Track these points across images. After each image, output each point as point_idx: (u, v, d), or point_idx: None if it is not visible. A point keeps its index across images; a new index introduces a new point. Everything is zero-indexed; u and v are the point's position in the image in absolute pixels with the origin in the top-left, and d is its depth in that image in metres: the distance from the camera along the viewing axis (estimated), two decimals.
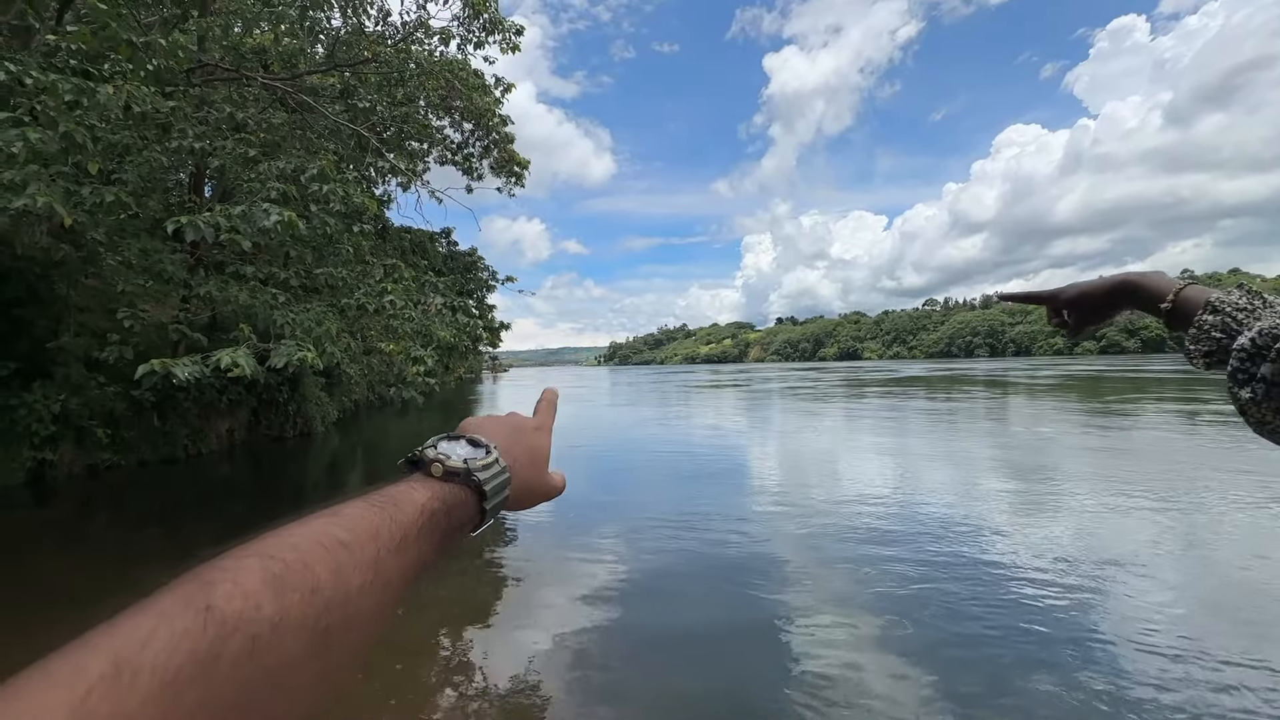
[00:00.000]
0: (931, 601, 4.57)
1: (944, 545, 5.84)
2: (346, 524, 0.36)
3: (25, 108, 5.63)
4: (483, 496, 0.47)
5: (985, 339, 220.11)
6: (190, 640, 0.25)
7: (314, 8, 7.79)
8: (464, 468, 0.47)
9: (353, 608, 0.33)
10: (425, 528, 0.40)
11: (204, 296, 6.29)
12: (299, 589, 0.30)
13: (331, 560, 0.33)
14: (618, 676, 3.72)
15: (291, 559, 0.31)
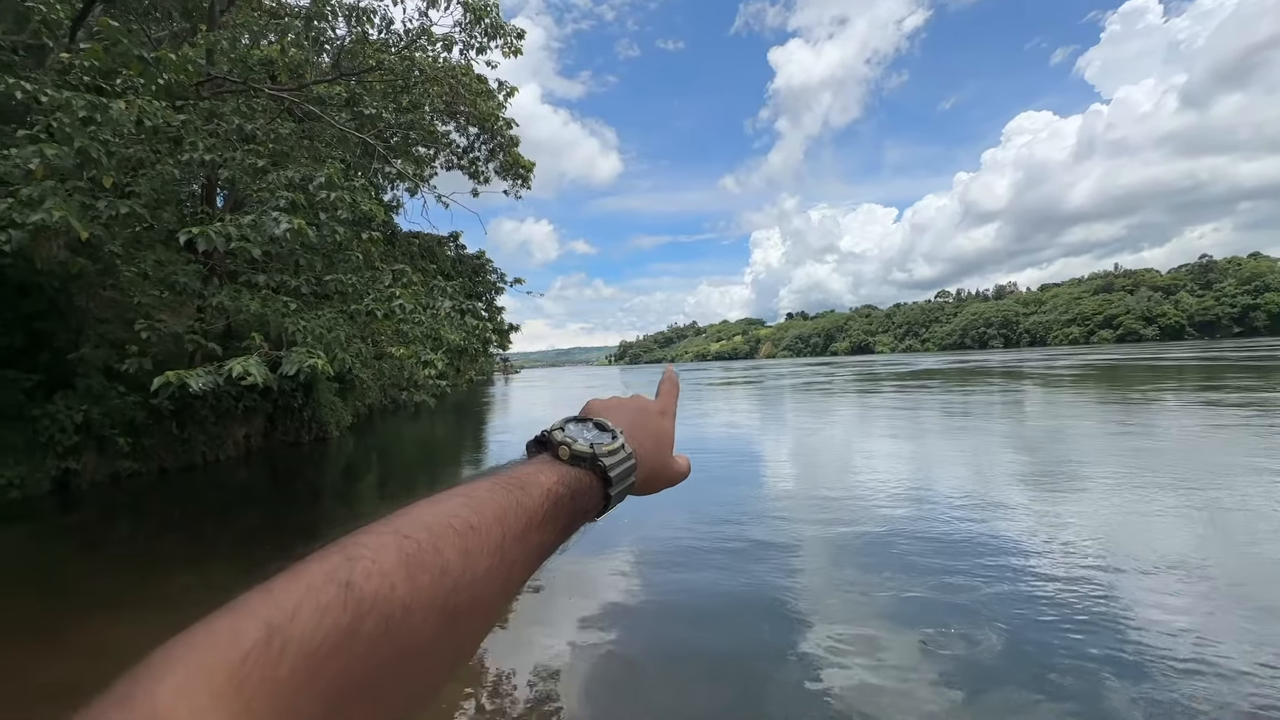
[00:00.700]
0: (964, 608, 4.52)
1: (973, 547, 5.74)
2: (475, 506, 0.36)
3: (42, 125, 5.77)
4: (608, 483, 0.46)
5: (999, 330, 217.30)
6: (333, 615, 0.27)
7: (318, 18, 7.91)
8: (590, 453, 0.46)
9: (479, 590, 0.33)
10: (550, 513, 0.40)
11: (217, 306, 6.40)
12: (430, 570, 0.31)
13: (461, 543, 0.33)
14: (635, 679, 3.74)
15: (424, 540, 0.32)
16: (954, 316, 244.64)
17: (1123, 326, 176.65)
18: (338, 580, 0.28)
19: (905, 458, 10.30)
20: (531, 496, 0.40)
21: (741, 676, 3.68)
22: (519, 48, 8.45)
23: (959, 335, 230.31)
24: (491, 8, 8.13)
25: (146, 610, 4.94)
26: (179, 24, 12.15)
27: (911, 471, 9.04)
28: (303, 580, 0.28)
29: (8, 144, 6.28)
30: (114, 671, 0.25)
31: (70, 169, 5.01)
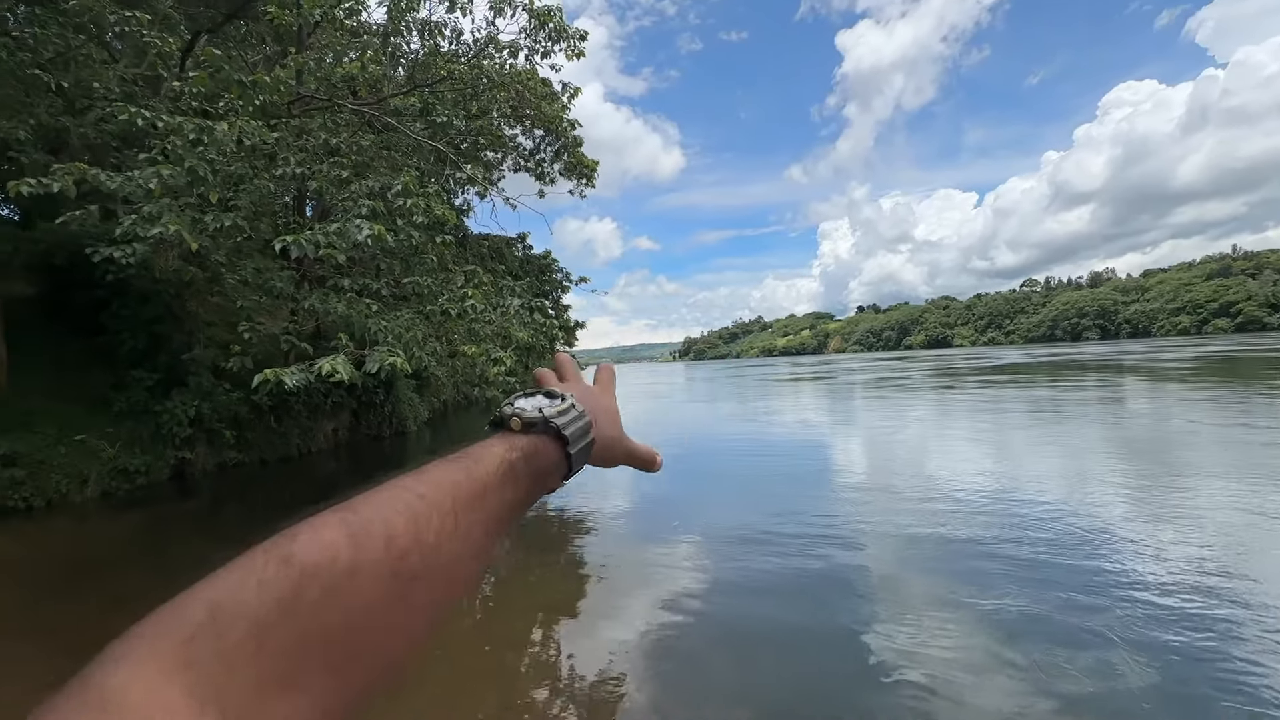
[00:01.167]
0: (1046, 627, 4.26)
1: (1077, 558, 5.36)
2: (425, 479, 0.38)
3: (158, 148, 6.40)
4: (565, 441, 0.48)
5: (1095, 320, 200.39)
6: (274, 588, 0.28)
7: (394, 34, 8.35)
8: (540, 417, 0.48)
9: (431, 556, 0.34)
10: (506, 477, 0.42)
11: (308, 309, 6.90)
12: (375, 538, 0.32)
13: (408, 511, 0.35)
14: (697, 672, 3.76)
15: (368, 512, 0.34)
16: (1042, 307, 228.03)
17: (1243, 314, 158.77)
18: (277, 555, 0.30)
19: (997, 461, 9.71)
20: (483, 465, 0.41)
21: (801, 656, 3.61)
22: (581, 50, 8.59)
23: (1048, 327, 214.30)
24: (554, 12, 8.31)
25: None
26: (271, 48, 13.13)
27: (1005, 477, 8.51)
28: (245, 561, 0.30)
29: (131, 166, 7.02)
30: None
31: (182, 187, 5.54)
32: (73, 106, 9.86)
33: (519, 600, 5.10)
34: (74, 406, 10.18)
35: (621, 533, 6.86)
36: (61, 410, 9.97)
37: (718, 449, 12.78)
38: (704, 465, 11.00)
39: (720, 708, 3.35)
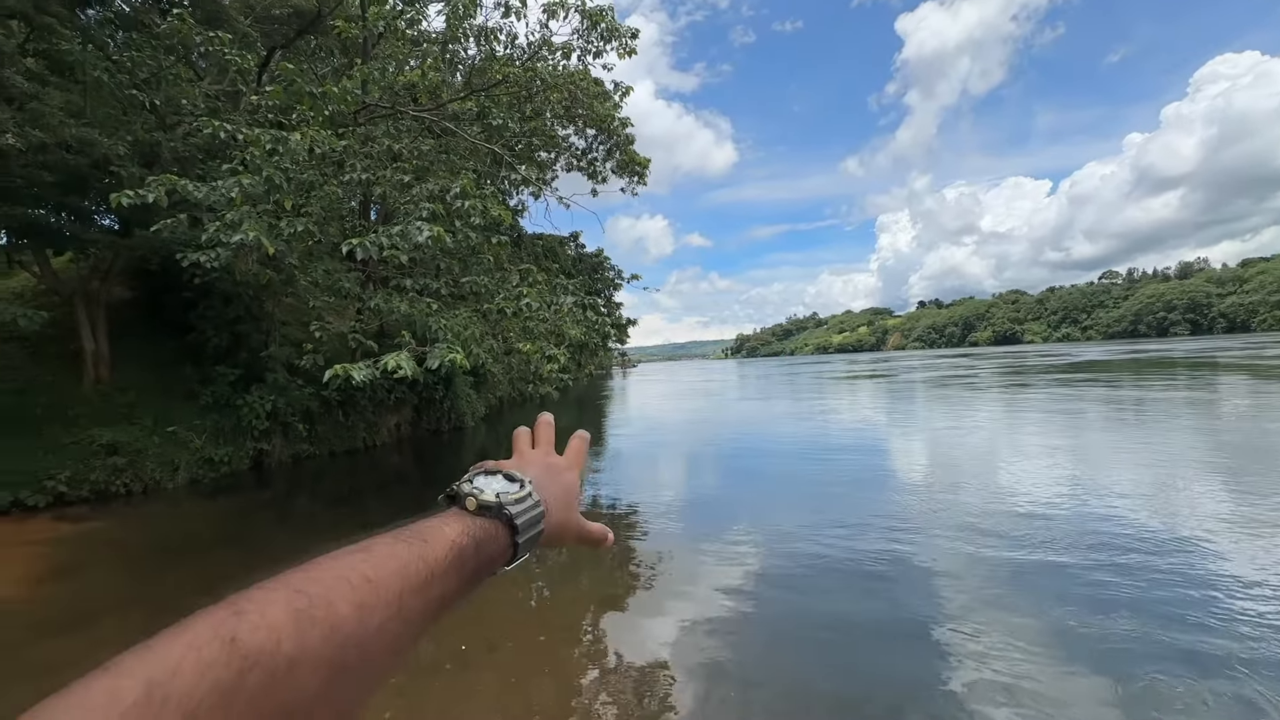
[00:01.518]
0: (1123, 645, 4.01)
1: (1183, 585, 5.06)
2: (375, 561, 0.37)
3: (238, 159, 6.83)
4: (515, 530, 0.48)
5: (1185, 314, 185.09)
6: (215, 672, 0.27)
7: (452, 41, 8.62)
8: (496, 502, 0.48)
9: (372, 644, 0.34)
10: (454, 563, 0.41)
11: (374, 308, 7.22)
12: (320, 625, 0.31)
13: (355, 597, 0.34)
14: (748, 669, 3.72)
15: (316, 594, 0.32)
16: (1124, 300, 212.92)
17: None
18: (222, 636, 0.28)
19: (1084, 469, 9.15)
20: (433, 548, 0.41)
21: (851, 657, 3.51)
22: (633, 48, 8.61)
23: (1130, 321, 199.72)
24: (607, 12, 8.37)
25: None
26: (338, 60, 13.79)
27: (1094, 490, 8.03)
28: (186, 636, 0.28)
29: (214, 177, 7.53)
30: None
31: (260, 195, 5.89)
32: (164, 122, 10.66)
33: (573, 593, 5.18)
34: (167, 400, 11.02)
35: (675, 531, 6.86)
36: (156, 403, 10.82)
37: (772, 449, 12.59)
38: (758, 466, 10.86)
39: (772, 704, 3.30)
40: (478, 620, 4.40)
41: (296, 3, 13.62)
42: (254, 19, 13.05)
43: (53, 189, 9.12)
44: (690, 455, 12.40)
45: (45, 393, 10.17)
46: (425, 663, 3.77)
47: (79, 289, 10.82)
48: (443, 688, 3.52)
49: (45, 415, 9.67)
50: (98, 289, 11.04)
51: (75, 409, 9.97)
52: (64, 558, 6.72)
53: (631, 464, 11.76)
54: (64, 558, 6.72)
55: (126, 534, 7.83)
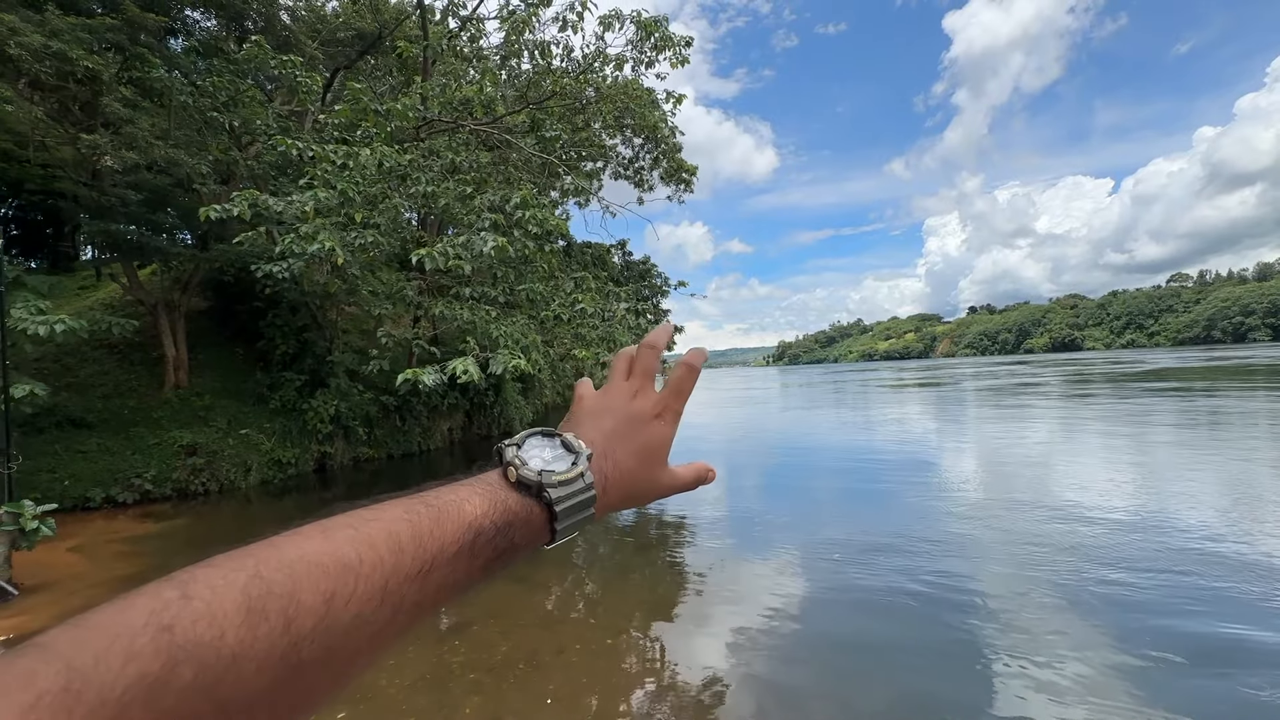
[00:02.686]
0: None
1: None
2: (366, 540, 0.32)
3: (310, 174, 7.21)
4: (554, 516, 0.41)
5: (1265, 319, 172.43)
6: (141, 663, 0.24)
7: (510, 56, 8.91)
8: (537, 480, 0.41)
9: (340, 638, 0.30)
10: (467, 548, 0.36)
11: (436, 316, 7.47)
12: (273, 618, 0.28)
13: (327, 586, 0.30)
14: (796, 684, 3.65)
15: (279, 581, 0.29)
16: (1195, 304, 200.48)
17: None
18: (159, 622, 0.25)
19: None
20: (443, 528, 0.35)
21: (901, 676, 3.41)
22: (685, 57, 8.70)
23: (1203, 327, 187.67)
24: (661, 22, 8.49)
25: None
26: (396, 78, 14.39)
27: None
28: (122, 617, 0.25)
29: (286, 192, 7.96)
30: None
31: (334, 207, 6.20)
32: (239, 142, 11.33)
33: (633, 600, 5.21)
34: (239, 404, 11.64)
35: (724, 544, 6.81)
36: (230, 407, 11.43)
37: (819, 464, 12.38)
38: (805, 481, 10.70)
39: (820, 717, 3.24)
40: (545, 624, 4.48)
41: (359, 25, 14.27)
42: (320, 42, 13.75)
43: (141, 206, 9.80)
44: (737, 468, 12.30)
45: (132, 396, 10.88)
46: (498, 662, 3.85)
47: (162, 299, 11.55)
48: (515, 686, 3.60)
49: (132, 418, 10.34)
50: (179, 299, 11.77)
51: (158, 412, 10.63)
52: (150, 550, 7.16)
53: None
54: (150, 550, 7.16)
55: (206, 530, 8.28)
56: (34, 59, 8.00)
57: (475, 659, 3.95)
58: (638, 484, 0.47)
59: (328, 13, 15.76)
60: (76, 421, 9.90)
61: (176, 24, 11.87)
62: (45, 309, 7.10)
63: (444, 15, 12.20)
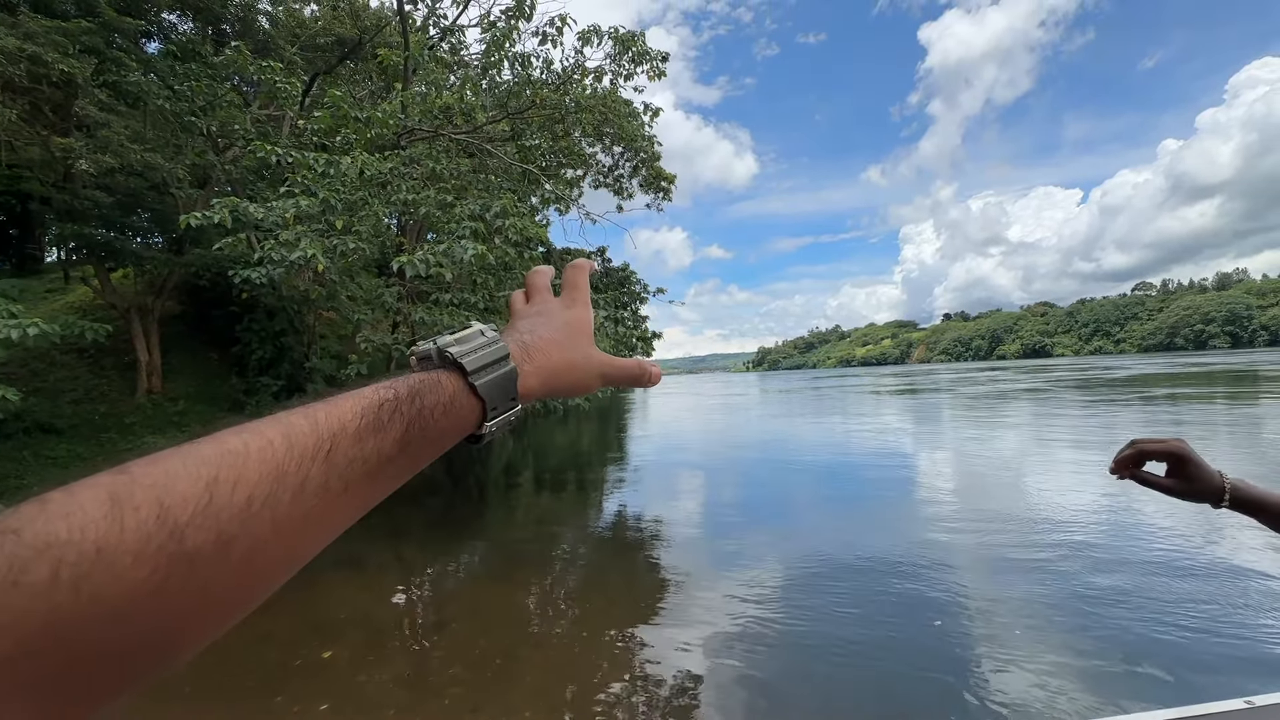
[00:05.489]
0: None
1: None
2: (252, 430, 0.31)
3: (291, 180, 7.26)
4: (465, 372, 0.40)
5: (1223, 327, 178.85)
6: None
7: (490, 67, 9.06)
8: (434, 348, 0.41)
9: (232, 525, 0.28)
10: (370, 422, 0.34)
11: (415, 321, 7.56)
12: (145, 508, 0.26)
13: (206, 473, 0.28)
14: (774, 687, 3.81)
15: (148, 474, 0.27)
16: (1158, 312, 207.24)
17: None
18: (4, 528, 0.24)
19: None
20: (341, 407, 0.34)
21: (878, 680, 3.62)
22: (663, 70, 8.96)
23: (1166, 334, 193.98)
24: (638, 38, 8.73)
25: (360, 574, 5.99)
26: (376, 84, 14.43)
27: None
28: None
29: (265, 198, 7.99)
30: (327, 622, 0.42)
31: (315, 214, 6.28)
32: (216, 146, 11.29)
33: (603, 599, 5.36)
34: (214, 409, 11.54)
35: (702, 544, 6.99)
36: (205, 412, 11.33)
37: (797, 469, 12.66)
38: (783, 486, 10.95)
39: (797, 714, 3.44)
40: (524, 621, 4.61)
41: (339, 31, 14.29)
42: (299, 47, 13.75)
43: (114, 209, 9.73)
44: (715, 473, 12.53)
45: (103, 401, 10.74)
46: (476, 657, 3.98)
47: (135, 303, 11.42)
48: (493, 680, 3.73)
49: (103, 423, 10.21)
50: (152, 303, 11.65)
51: (130, 417, 10.50)
52: None
53: (656, 480, 11.92)
54: None
55: None
56: (8, 62, 7.93)
57: (454, 654, 4.07)
58: (566, 353, 0.48)
59: (307, 17, 15.76)
60: (46, 427, 9.75)
61: (153, 27, 11.81)
62: (18, 312, 7.04)
63: (425, 23, 12.31)
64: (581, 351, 0.49)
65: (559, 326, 0.49)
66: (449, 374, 0.40)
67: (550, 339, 0.47)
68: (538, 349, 0.46)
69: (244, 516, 0.28)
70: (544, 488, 11.30)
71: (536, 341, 0.46)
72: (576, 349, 0.49)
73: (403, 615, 5.04)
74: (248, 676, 3.78)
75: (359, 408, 0.35)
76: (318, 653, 4.09)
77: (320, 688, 3.67)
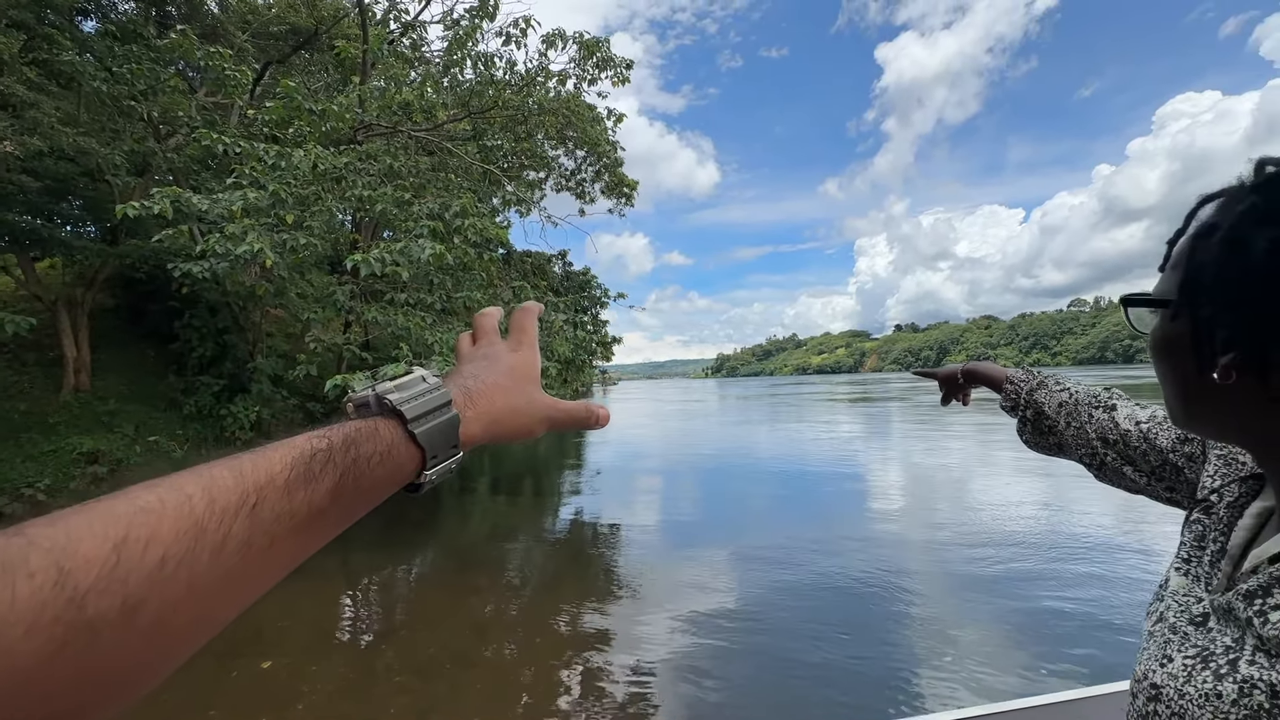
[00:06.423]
0: None
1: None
2: (169, 485, 0.29)
3: (239, 172, 6.98)
4: (404, 420, 0.38)
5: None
6: None
7: (452, 65, 8.94)
8: (372, 394, 0.39)
9: (141, 589, 0.26)
10: (301, 473, 0.32)
11: (369, 321, 7.37)
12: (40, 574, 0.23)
13: (115, 533, 0.26)
14: (726, 693, 3.81)
15: (46, 535, 0.25)
16: (1091, 327, 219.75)
17: None
18: None
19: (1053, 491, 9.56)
20: (270, 458, 0.32)
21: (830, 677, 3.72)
22: (626, 77, 9.01)
23: (1098, 348, 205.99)
24: (603, 44, 8.76)
25: (304, 579, 5.78)
26: (332, 75, 14.01)
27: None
28: None
29: (210, 189, 7.65)
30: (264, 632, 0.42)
31: (264, 208, 6.06)
32: (158, 132, 10.74)
33: (557, 604, 5.33)
34: (148, 409, 10.94)
35: (655, 549, 7.03)
36: (138, 411, 10.73)
37: (753, 474, 12.86)
38: (740, 490, 11.10)
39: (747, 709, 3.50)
40: (475, 627, 4.53)
41: (294, 20, 13.83)
42: (251, 34, 13.23)
43: (42, 195, 9.13)
44: (672, 479, 12.61)
45: (23, 399, 10.04)
46: (425, 663, 3.89)
47: (62, 295, 10.74)
48: (443, 686, 3.66)
49: (24, 422, 9.54)
50: (82, 296, 10.97)
51: (55, 417, 9.85)
52: None
53: (613, 487, 11.92)
54: None
55: None
56: None
57: (402, 661, 3.97)
58: (510, 398, 0.47)
59: (259, 4, 15.17)
60: None
61: (90, 4, 11.19)
62: None
63: (385, 17, 12.04)
64: (526, 396, 0.48)
65: (504, 371, 0.48)
66: (387, 421, 0.38)
67: (495, 383, 0.46)
68: (481, 394, 0.45)
69: (156, 578, 0.26)
70: (500, 493, 11.14)
71: (480, 386, 0.45)
72: (521, 394, 0.48)
73: (348, 622, 4.88)
74: (178, 690, 3.59)
75: (289, 458, 0.33)
76: (256, 663, 3.93)
77: (258, 700, 3.52)
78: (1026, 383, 0.93)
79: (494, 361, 0.48)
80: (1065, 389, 0.88)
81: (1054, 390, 0.89)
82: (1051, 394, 0.89)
